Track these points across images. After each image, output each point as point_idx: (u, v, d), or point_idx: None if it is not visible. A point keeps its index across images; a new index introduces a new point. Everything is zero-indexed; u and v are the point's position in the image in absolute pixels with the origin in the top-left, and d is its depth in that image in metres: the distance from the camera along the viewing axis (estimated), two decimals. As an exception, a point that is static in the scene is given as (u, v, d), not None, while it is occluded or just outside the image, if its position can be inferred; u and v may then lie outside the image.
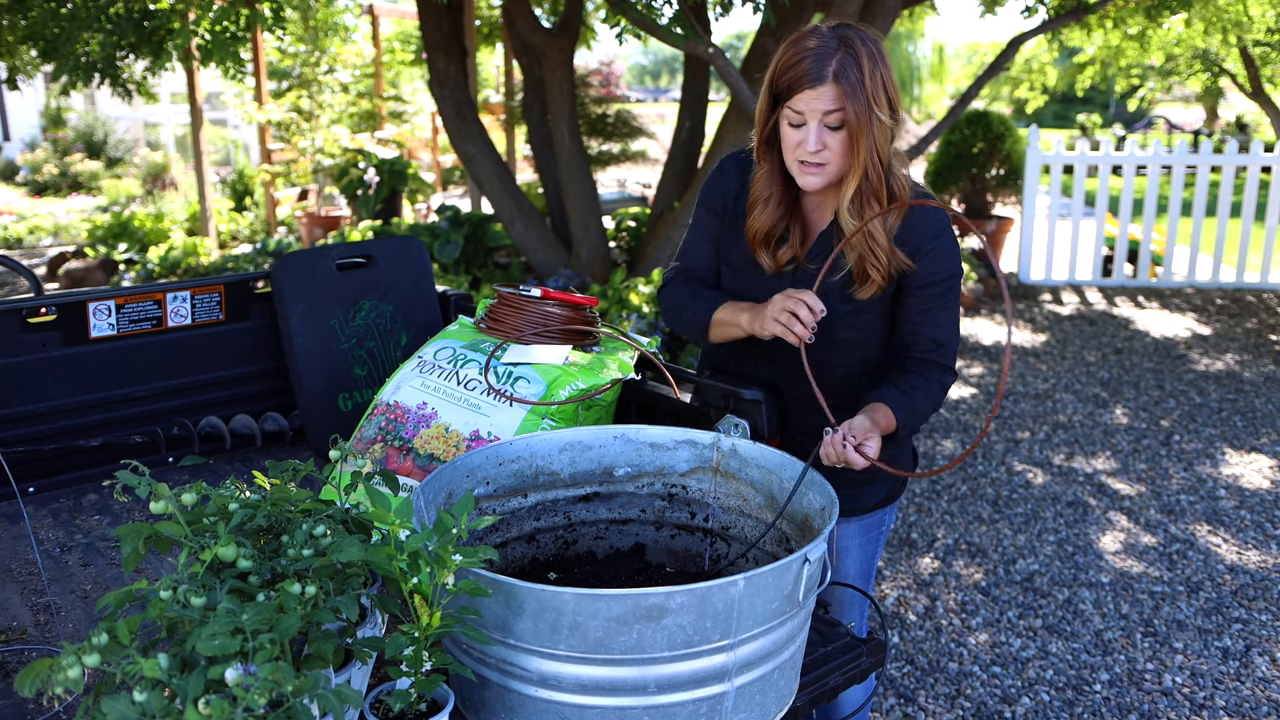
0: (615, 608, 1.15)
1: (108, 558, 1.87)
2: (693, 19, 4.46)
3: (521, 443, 1.66)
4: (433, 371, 2.00)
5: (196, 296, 2.36)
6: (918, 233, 1.79)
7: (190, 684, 0.92)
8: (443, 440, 1.87)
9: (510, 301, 2.06)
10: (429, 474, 1.81)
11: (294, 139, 9.44)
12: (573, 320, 2.04)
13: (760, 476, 1.60)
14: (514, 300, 2.05)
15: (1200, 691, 2.85)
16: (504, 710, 1.27)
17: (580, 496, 1.70)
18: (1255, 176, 7.71)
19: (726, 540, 1.66)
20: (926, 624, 3.20)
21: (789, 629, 1.30)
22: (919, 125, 20.15)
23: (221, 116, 15.48)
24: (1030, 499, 4.13)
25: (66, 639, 1.57)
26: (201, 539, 1.11)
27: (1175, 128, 18.85)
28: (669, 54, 43.16)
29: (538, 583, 1.20)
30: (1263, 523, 3.90)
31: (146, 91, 5.77)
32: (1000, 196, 8.77)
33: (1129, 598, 3.35)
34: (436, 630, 1.15)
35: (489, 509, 1.62)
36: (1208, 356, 6.17)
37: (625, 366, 1.99)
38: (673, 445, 1.69)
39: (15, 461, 2.08)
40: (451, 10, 6.06)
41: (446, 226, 6.90)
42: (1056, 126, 23.45)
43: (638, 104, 22.93)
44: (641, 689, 1.21)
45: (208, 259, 8.15)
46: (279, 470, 1.32)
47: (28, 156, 15.03)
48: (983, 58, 22.42)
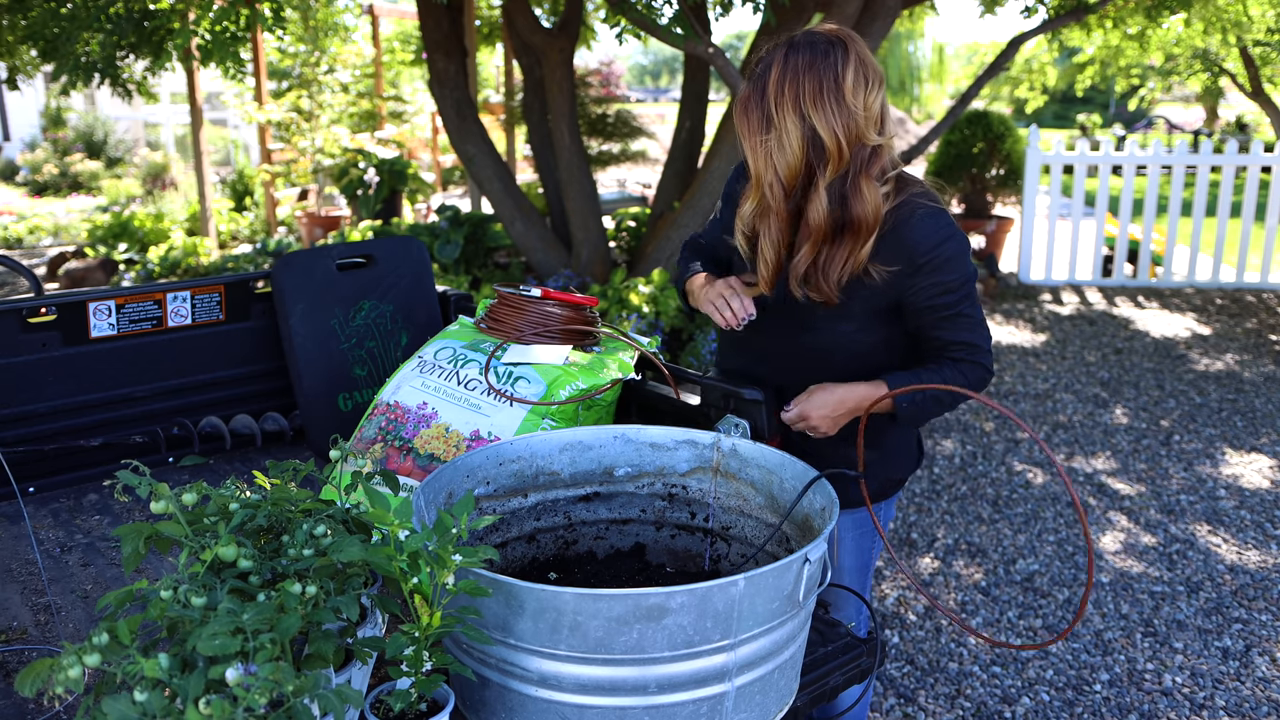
0: (615, 608, 1.15)
1: (108, 558, 1.87)
2: (693, 19, 4.46)
3: (522, 443, 1.66)
4: (433, 371, 2.00)
5: (196, 296, 2.36)
6: (911, 245, 1.72)
7: (191, 684, 0.92)
8: (443, 440, 1.88)
9: (510, 301, 2.06)
10: (429, 474, 1.81)
11: (294, 139, 9.44)
12: (573, 320, 2.04)
13: (760, 477, 1.60)
14: (514, 300, 2.05)
15: (1200, 691, 2.85)
16: (504, 710, 1.27)
17: (580, 496, 1.70)
18: (1255, 176, 7.71)
19: (727, 540, 1.66)
20: (926, 624, 3.20)
21: (789, 629, 1.31)
22: (919, 125, 20.14)
23: (221, 116, 15.48)
24: (1030, 499, 4.13)
25: (67, 639, 1.57)
26: (202, 539, 1.11)
27: (1175, 128, 18.85)
28: (669, 54, 43.15)
29: (538, 583, 1.20)
30: (1263, 523, 3.90)
31: (146, 91, 5.77)
32: (1000, 196, 8.77)
33: (1129, 598, 3.35)
34: (436, 630, 1.15)
35: (489, 509, 1.62)
36: (1208, 356, 6.18)
37: (625, 366, 1.99)
38: (673, 445, 1.69)
39: (15, 461, 2.08)
40: (451, 10, 6.06)
41: (446, 226, 6.90)
42: (1056, 126, 23.45)
43: (638, 104, 22.92)
44: (642, 689, 1.21)
45: (208, 259, 8.15)
46: (279, 470, 1.32)
47: (28, 156, 15.03)
48: (983, 58, 22.41)
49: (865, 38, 4.98)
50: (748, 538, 1.63)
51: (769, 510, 1.59)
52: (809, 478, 1.48)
